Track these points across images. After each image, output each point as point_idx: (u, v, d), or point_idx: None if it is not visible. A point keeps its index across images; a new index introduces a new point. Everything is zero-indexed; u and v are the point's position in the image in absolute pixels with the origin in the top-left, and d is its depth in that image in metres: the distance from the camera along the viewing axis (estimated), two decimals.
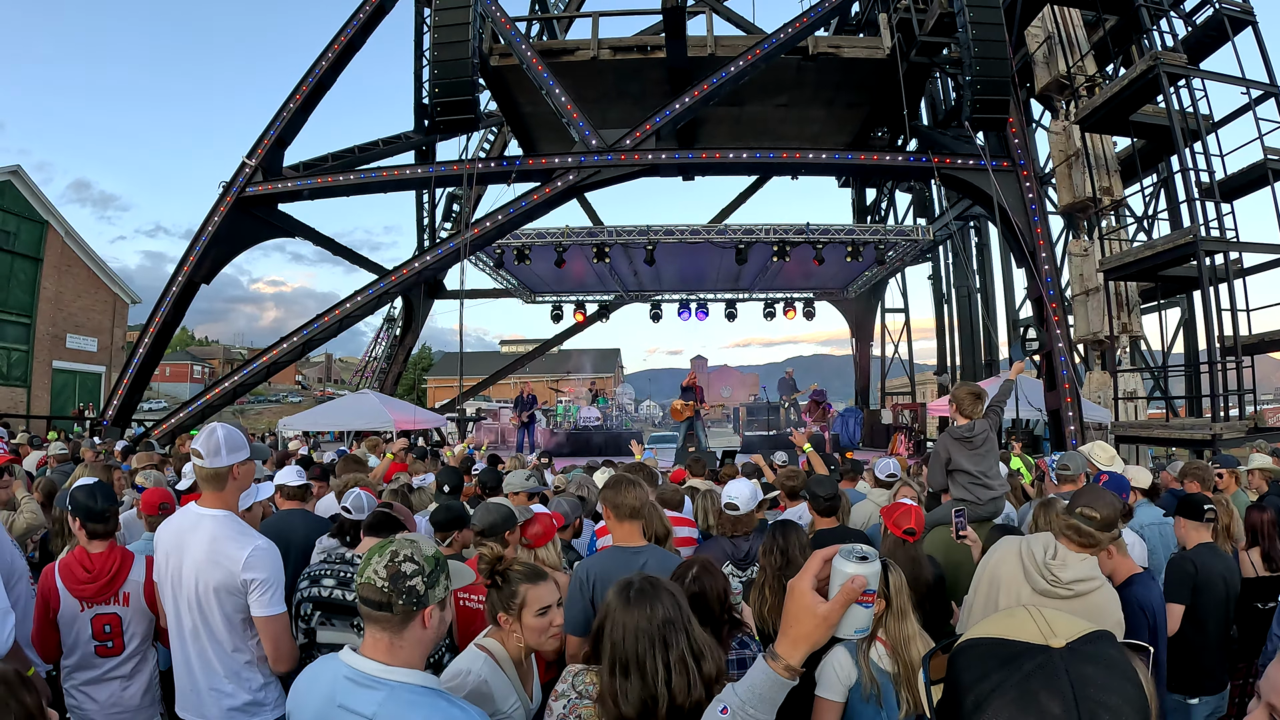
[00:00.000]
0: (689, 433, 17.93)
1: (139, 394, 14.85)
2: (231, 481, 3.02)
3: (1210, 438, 11.27)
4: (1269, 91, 12.65)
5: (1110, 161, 14.44)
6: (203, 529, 2.90)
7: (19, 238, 26.28)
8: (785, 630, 1.43)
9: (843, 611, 1.37)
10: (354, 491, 4.18)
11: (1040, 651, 0.92)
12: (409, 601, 1.83)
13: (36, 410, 25.85)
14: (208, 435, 2.97)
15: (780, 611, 3.50)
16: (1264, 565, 4.66)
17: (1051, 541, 3.13)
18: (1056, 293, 13.07)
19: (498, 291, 23.45)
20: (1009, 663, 0.92)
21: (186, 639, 2.88)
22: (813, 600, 1.40)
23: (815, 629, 1.39)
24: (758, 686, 1.41)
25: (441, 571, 1.92)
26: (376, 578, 1.83)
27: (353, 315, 14.32)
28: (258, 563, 2.85)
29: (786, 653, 1.41)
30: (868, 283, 23.29)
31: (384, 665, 1.82)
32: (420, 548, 1.91)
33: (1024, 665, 0.91)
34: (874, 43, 15.24)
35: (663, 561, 3.35)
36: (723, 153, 14.24)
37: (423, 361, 67.73)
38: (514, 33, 14.48)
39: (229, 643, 2.89)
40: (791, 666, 1.41)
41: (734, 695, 1.41)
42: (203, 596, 2.85)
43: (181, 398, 35.06)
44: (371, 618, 1.86)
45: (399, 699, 1.77)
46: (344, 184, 14.68)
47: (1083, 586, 2.96)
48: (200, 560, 2.85)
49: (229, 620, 2.88)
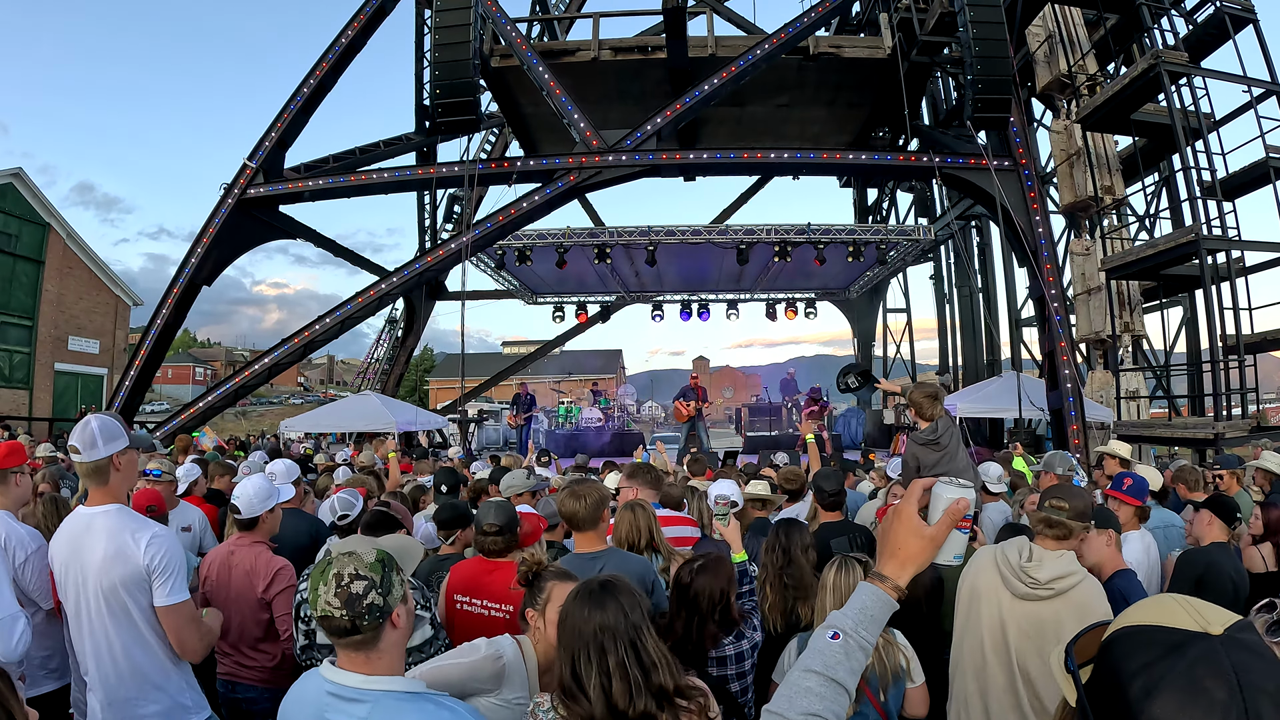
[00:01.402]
0: (691, 433, 17.92)
1: (141, 396, 14.84)
2: (115, 473, 2.87)
3: (1213, 437, 11.25)
4: (1270, 89, 12.63)
5: (1112, 160, 14.43)
6: (96, 528, 2.78)
7: (21, 240, 26.30)
8: (892, 553, 1.47)
9: (948, 532, 1.45)
10: (332, 499, 4.25)
11: (1202, 639, 0.94)
12: (373, 619, 1.80)
13: (39, 412, 25.88)
14: (82, 428, 2.83)
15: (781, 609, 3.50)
16: (1275, 560, 4.66)
17: (1026, 544, 3.12)
18: (1058, 292, 13.05)
19: (499, 293, 23.46)
20: (1175, 650, 0.94)
21: (103, 653, 2.75)
22: (920, 523, 1.46)
23: (922, 550, 1.45)
24: (869, 608, 1.41)
25: (391, 570, 1.88)
26: (332, 608, 1.77)
27: (354, 317, 14.32)
28: (157, 549, 2.75)
29: (895, 573, 1.45)
30: (869, 283, 23.28)
31: (365, 676, 1.80)
32: (361, 559, 1.84)
33: (1189, 652, 0.93)
34: (875, 42, 15.23)
35: (623, 565, 3.37)
36: (724, 153, 14.23)
37: (425, 363, 67.73)
38: (515, 34, 14.48)
39: (153, 641, 2.79)
40: (899, 587, 1.44)
41: (844, 619, 1.40)
42: (110, 597, 2.72)
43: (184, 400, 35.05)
44: (342, 644, 1.83)
45: (385, 709, 1.76)
46: (345, 185, 14.68)
47: (1062, 584, 2.95)
48: (100, 559, 2.73)
49: (145, 616, 2.77)
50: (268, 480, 3.93)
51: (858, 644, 1.37)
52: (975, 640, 3.10)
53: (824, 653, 1.35)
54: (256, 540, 3.71)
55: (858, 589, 1.45)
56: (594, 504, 3.46)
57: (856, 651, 1.36)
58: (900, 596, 1.44)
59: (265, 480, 3.89)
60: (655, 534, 3.94)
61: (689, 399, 18.02)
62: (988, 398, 14.11)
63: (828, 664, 1.33)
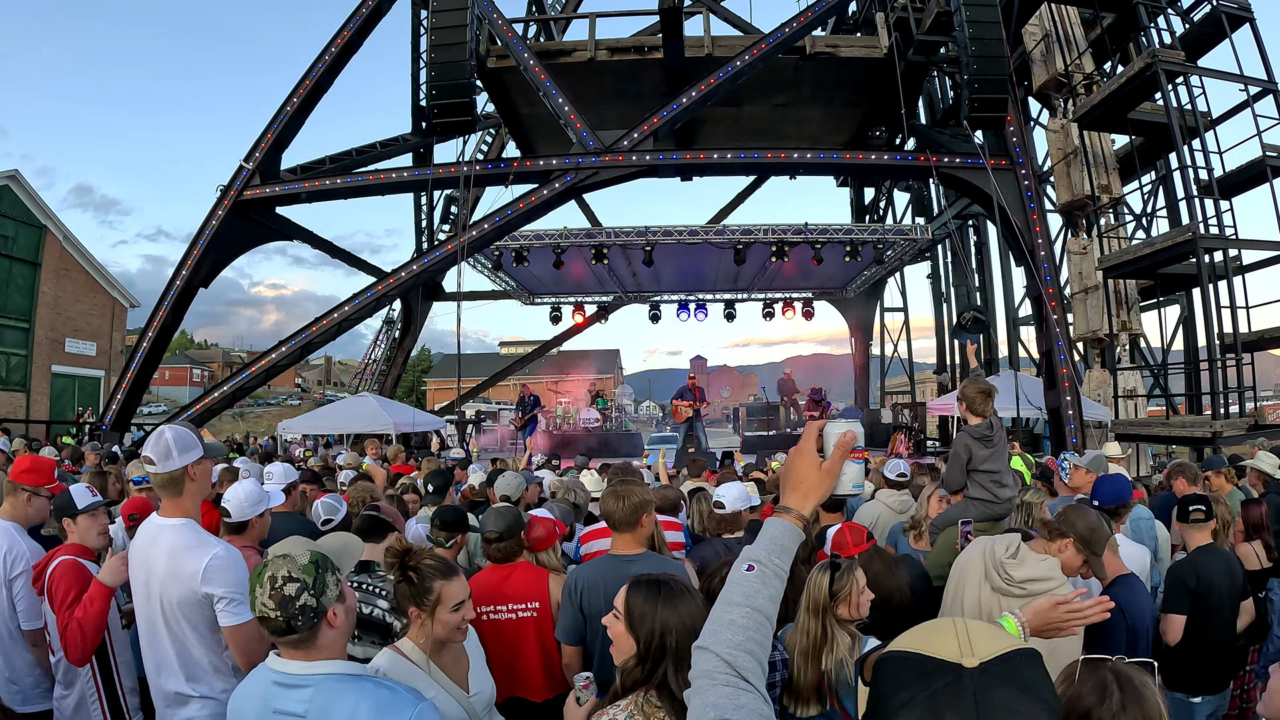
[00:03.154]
0: (689, 433, 17.93)
1: (138, 398, 14.82)
2: (189, 484, 2.85)
3: (1210, 435, 11.25)
4: (1267, 88, 12.62)
5: (1109, 159, 14.42)
6: (161, 541, 2.77)
7: (17, 242, 26.28)
8: (794, 487, 1.54)
9: (840, 464, 1.54)
10: (316, 505, 4.26)
11: (951, 670, 0.94)
12: (306, 619, 1.86)
13: (36, 415, 25.83)
14: (156, 439, 2.82)
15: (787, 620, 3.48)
16: (1267, 556, 4.68)
17: (1015, 540, 3.16)
18: (1056, 291, 13.05)
19: (496, 293, 23.43)
20: (921, 679, 0.95)
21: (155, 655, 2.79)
22: (816, 458, 1.54)
23: (820, 482, 1.52)
24: (778, 538, 1.46)
25: (325, 572, 1.91)
26: (267, 610, 1.84)
27: (351, 318, 14.30)
28: (215, 574, 2.69)
29: (798, 505, 1.51)
30: (866, 282, 23.28)
31: (306, 663, 1.88)
32: (294, 561, 1.88)
33: (934, 683, 0.94)
34: (871, 42, 15.23)
35: (658, 568, 3.32)
36: (721, 153, 14.22)
37: (422, 364, 67.71)
38: (511, 34, 14.46)
39: (201, 655, 2.77)
40: (804, 516, 1.51)
41: (757, 550, 1.45)
42: (168, 611, 2.73)
43: (181, 401, 35.05)
44: (282, 642, 1.90)
45: (326, 690, 1.84)
46: (341, 187, 14.66)
47: (1035, 586, 2.96)
48: (161, 575, 2.72)
49: (198, 632, 2.76)
50: (258, 484, 3.92)
51: (773, 571, 1.41)
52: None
53: (742, 584, 1.39)
54: (246, 544, 3.69)
55: (766, 522, 1.51)
56: (633, 506, 3.39)
57: (772, 579, 1.41)
58: (804, 526, 1.50)
59: (255, 484, 3.88)
60: (656, 540, 3.90)
61: (687, 399, 18.01)
62: None
63: (747, 594, 1.37)
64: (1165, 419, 14.05)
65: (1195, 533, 4.15)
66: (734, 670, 1.26)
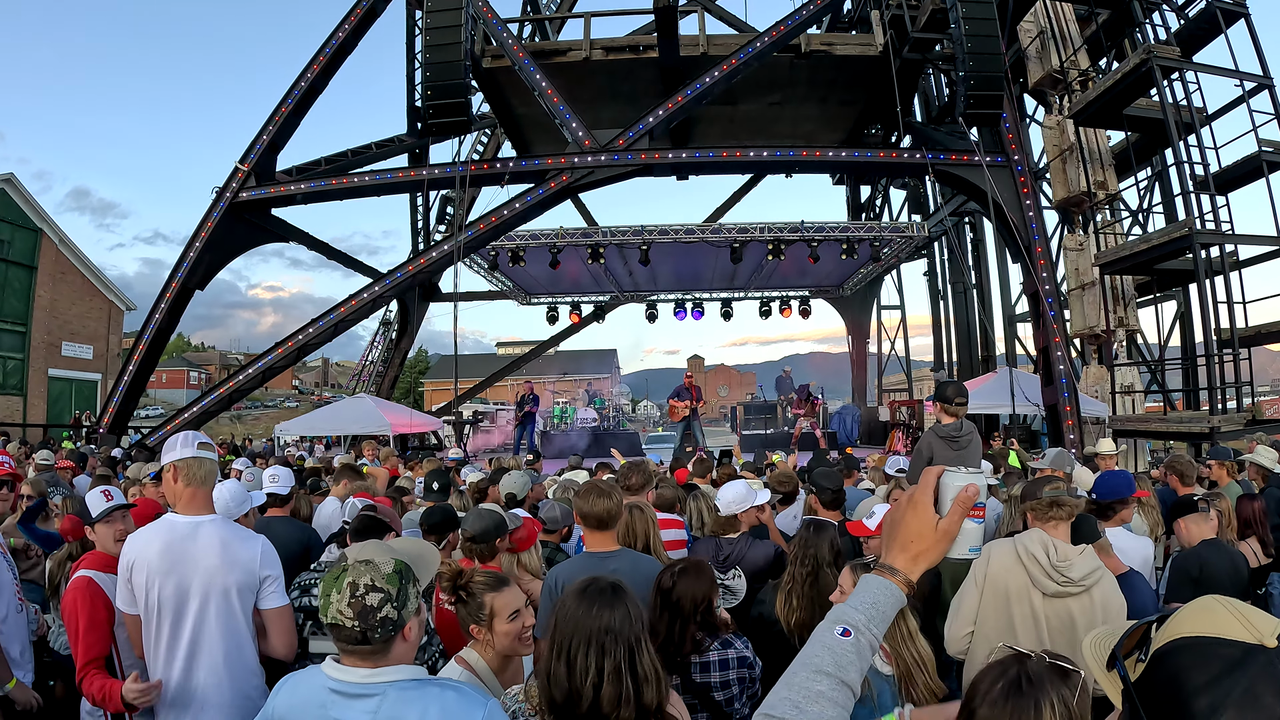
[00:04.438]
0: (686, 432, 17.91)
1: (135, 401, 14.80)
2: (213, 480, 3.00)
3: (1208, 430, 11.24)
4: (1262, 83, 12.63)
5: (1104, 155, 14.42)
6: (205, 536, 2.84)
7: (13, 246, 26.21)
8: (903, 546, 1.37)
9: (960, 524, 1.37)
10: (351, 503, 4.23)
11: (1260, 652, 0.92)
12: (385, 632, 1.77)
13: (33, 419, 25.77)
14: (190, 437, 2.94)
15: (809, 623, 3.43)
16: (1264, 552, 4.68)
17: (1047, 540, 3.16)
18: (1052, 288, 13.05)
19: (493, 294, 23.42)
20: (1238, 665, 0.92)
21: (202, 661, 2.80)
22: (930, 513, 1.38)
23: (936, 543, 1.36)
24: (881, 604, 1.30)
25: (409, 583, 1.84)
26: (344, 618, 1.74)
27: (347, 320, 14.29)
28: (270, 559, 2.92)
29: (905, 567, 1.36)
30: (863, 280, 23.28)
31: (370, 671, 1.78)
32: (378, 569, 1.79)
33: (1250, 669, 0.91)
34: (866, 40, 15.22)
35: (635, 566, 3.33)
36: (716, 152, 14.23)
37: (419, 364, 67.61)
38: (506, 34, 14.44)
39: (250, 644, 2.90)
40: (910, 582, 1.35)
41: (855, 614, 1.27)
42: (222, 601, 2.81)
43: (178, 404, 35.01)
44: (349, 651, 1.80)
45: (393, 699, 1.75)
46: (336, 188, 14.64)
47: (1091, 579, 3.05)
48: (214, 566, 2.81)
49: (248, 620, 2.89)
50: (242, 485, 3.93)
51: (868, 642, 1.25)
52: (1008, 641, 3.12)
53: (835, 651, 1.22)
54: None
55: (864, 580, 1.34)
56: (610, 507, 3.41)
57: (867, 650, 1.24)
58: (910, 592, 1.34)
59: (239, 484, 3.89)
60: (652, 539, 3.89)
61: (684, 398, 17.99)
62: (982, 394, 14.10)
63: (839, 664, 1.20)
64: (1163, 415, 14.04)
65: (1197, 526, 4.14)
66: None
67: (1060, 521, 3.23)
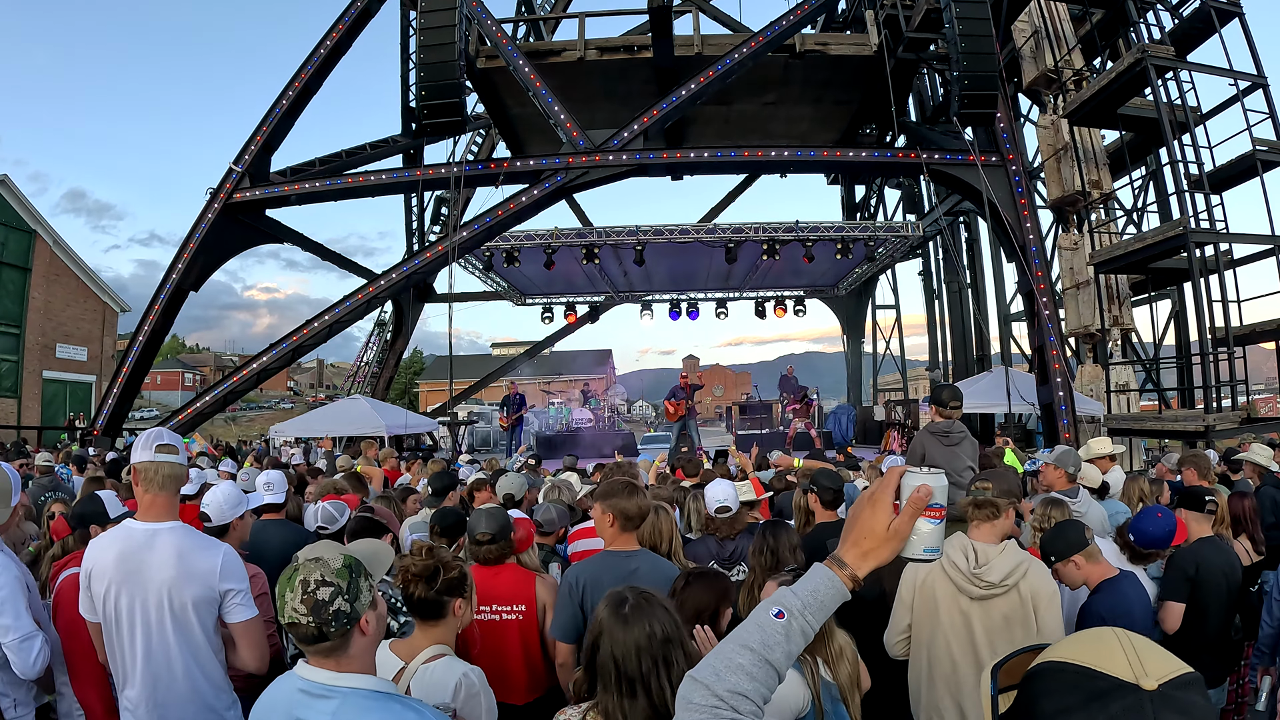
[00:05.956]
0: (682, 432, 17.89)
1: (129, 403, 14.75)
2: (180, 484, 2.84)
3: (1203, 429, 11.27)
4: (1256, 83, 12.67)
5: (1099, 155, 14.44)
6: (162, 545, 2.67)
7: (7, 247, 26.10)
8: (856, 543, 1.37)
9: (911, 524, 1.36)
10: (318, 507, 4.20)
11: (1131, 692, 0.87)
12: (340, 626, 1.78)
13: (27, 421, 25.68)
14: (159, 433, 2.79)
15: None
16: (1255, 550, 4.69)
17: (967, 545, 3.19)
18: (1047, 286, 13.07)
19: (488, 294, 23.40)
20: (1097, 699, 0.88)
21: (161, 674, 2.66)
22: (888, 512, 1.37)
23: (885, 543, 1.35)
24: (820, 593, 1.30)
25: (359, 576, 1.85)
26: (299, 615, 1.76)
27: (342, 320, 14.25)
28: (232, 571, 2.74)
29: (855, 563, 1.35)
30: (858, 279, 23.30)
31: (333, 673, 1.80)
32: (328, 564, 1.82)
33: (1111, 705, 0.87)
34: (861, 39, 15.22)
35: (655, 567, 3.31)
36: (711, 152, 14.21)
37: (414, 365, 67.59)
38: (500, 34, 14.42)
39: (211, 658, 2.74)
40: (857, 578, 1.34)
41: (792, 598, 1.29)
42: (179, 615, 2.66)
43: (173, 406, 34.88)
44: (311, 651, 1.82)
45: (351, 706, 1.76)
46: (331, 189, 14.60)
47: (1015, 577, 3.04)
48: (170, 578, 2.64)
49: (207, 635, 2.73)
50: (235, 486, 3.90)
51: (800, 628, 1.27)
52: (942, 647, 3.15)
53: (765, 630, 1.26)
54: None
55: (812, 569, 1.35)
56: (646, 506, 3.40)
57: (797, 635, 1.27)
58: (855, 587, 1.34)
59: (233, 486, 3.85)
60: (675, 542, 3.88)
61: (679, 398, 17.98)
62: (977, 393, 14.11)
63: (766, 642, 1.24)
64: (1158, 413, 14.07)
65: (1197, 524, 4.14)
66: (731, 709, 1.18)
67: (982, 522, 3.24)
